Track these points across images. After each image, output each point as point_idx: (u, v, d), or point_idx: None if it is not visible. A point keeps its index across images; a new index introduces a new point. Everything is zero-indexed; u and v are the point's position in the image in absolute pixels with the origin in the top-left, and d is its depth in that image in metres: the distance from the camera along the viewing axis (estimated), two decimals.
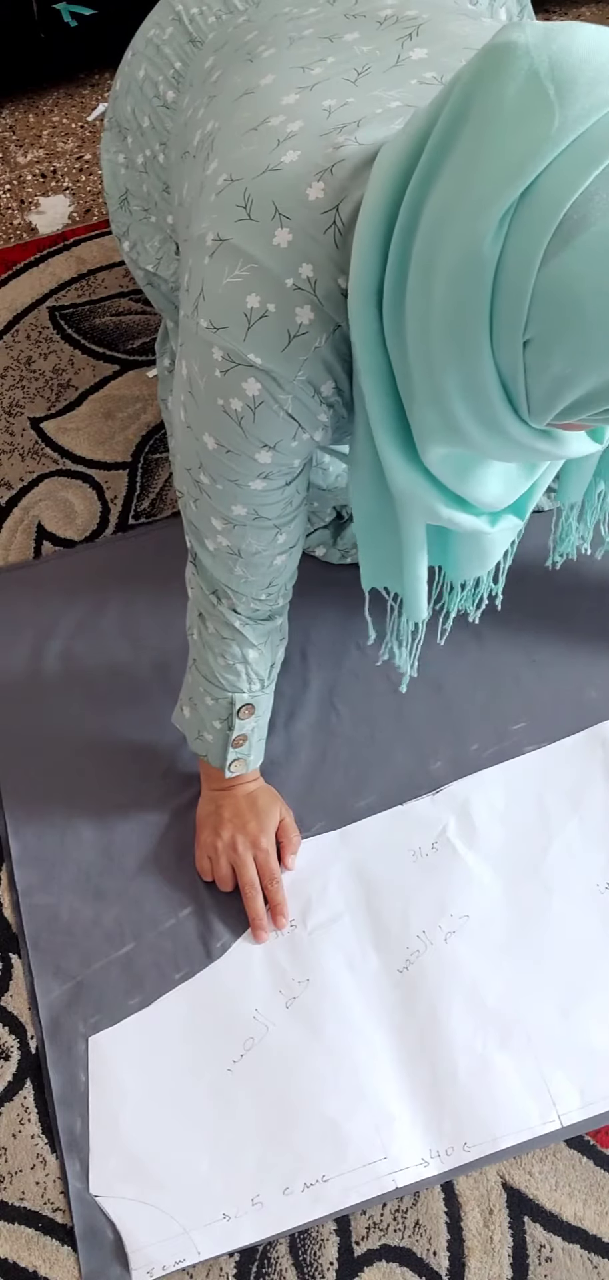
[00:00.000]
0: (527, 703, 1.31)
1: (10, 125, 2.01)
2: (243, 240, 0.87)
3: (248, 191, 0.88)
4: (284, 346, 0.87)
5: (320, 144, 0.87)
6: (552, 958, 1.15)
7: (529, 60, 0.71)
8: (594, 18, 2.13)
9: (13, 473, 1.54)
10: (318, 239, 0.85)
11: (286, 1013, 1.14)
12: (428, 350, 0.80)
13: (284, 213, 0.86)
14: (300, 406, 0.91)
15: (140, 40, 1.22)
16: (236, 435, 0.93)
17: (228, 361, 0.89)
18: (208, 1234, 1.04)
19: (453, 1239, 1.04)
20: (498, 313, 0.74)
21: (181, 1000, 1.15)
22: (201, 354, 0.91)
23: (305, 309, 0.86)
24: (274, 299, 0.87)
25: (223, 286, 0.88)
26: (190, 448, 0.98)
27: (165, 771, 1.29)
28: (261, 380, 0.89)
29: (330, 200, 0.85)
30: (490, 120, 0.72)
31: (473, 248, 0.73)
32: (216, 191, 0.91)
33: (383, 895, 1.19)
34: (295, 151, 0.88)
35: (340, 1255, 1.04)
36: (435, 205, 0.76)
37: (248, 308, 0.87)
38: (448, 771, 1.27)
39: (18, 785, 1.29)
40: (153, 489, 1.52)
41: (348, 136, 0.87)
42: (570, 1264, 1.02)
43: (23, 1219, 1.06)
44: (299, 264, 0.86)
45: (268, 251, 0.86)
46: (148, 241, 1.25)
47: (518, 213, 0.71)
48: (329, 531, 1.41)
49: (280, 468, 0.96)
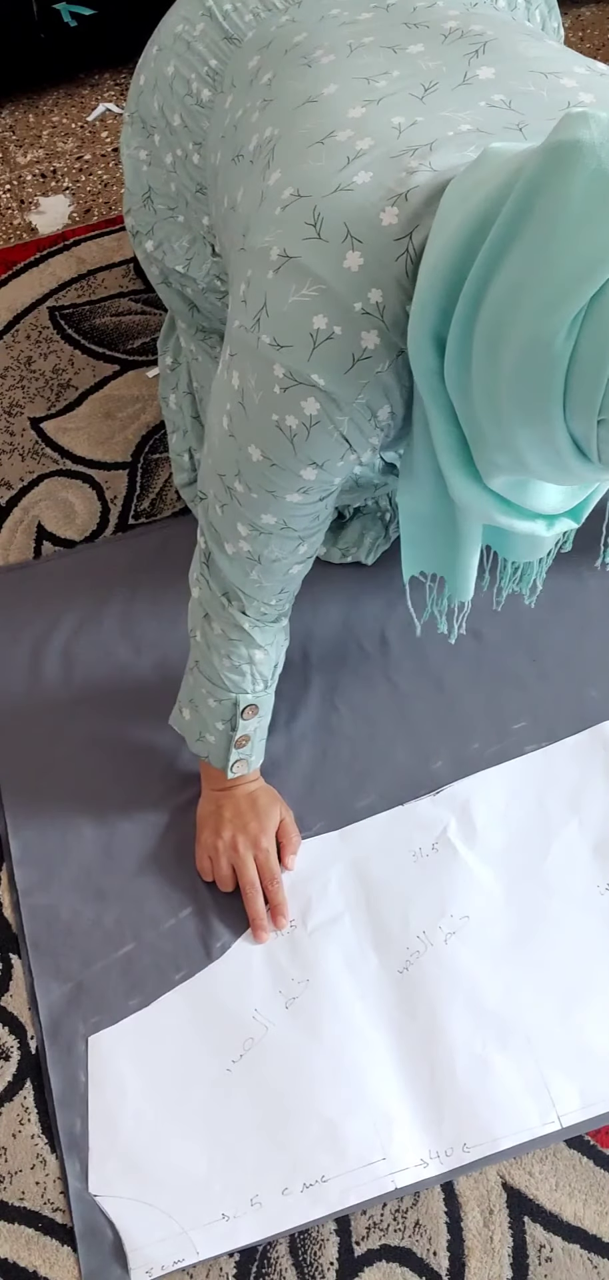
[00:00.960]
0: (527, 702, 1.31)
1: (10, 125, 2.01)
2: (311, 260, 0.87)
3: (318, 210, 0.87)
4: (348, 369, 0.87)
5: (392, 166, 0.87)
6: (552, 959, 1.15)
7: (597, 159, 0.72)
8: (594, 18, 2.13)
9: (13, 473, 1.54)
10: (389, 265, 0.85)
11: (286, 1013, 1.14)
12: (497, 410, 0.80)
13: (356, 236, 0.85)
14: (355, 429, 0.90)
15: (167, 35, 1.19)
16: (286, 451, 0.92)
17: (289, 380, 0.89)
18: (207, 1234, 1.04)
19: (453, 1239, 1.04)
20: (571, 397, 0.75)
21: (181, 1000, 1.15)
22: (261, 369, 0.90)
23: (372, 334, 0.86)
24: (341, 322, 0.86)
25: (288, 305, 0.87)
26: (230, 455, 0.98)
27: (165, 771, 1.29)
28: (321, 401, 0.88)
29: (403, 228, 0.85)
30: (558, 219, 0.73)
31: (544, 343, 0.74)
32: (282, 205, 0.90)
33: (383, 896, 1.19)
34: (367, 172, 0.87)
35: (340, 1255, 1.04)
36: (501, 288, 0.77)
37: (314, 328, 0.86)
38: (448, 771, 1.27)
39: (18, 785, 1.29)
40: (153, 489, 1.52)
41: (421, 161, 0.86)
42: (570, 1264, 1.02)
43: (23, 1219, 1.06)
44: (369, 289, 0.85)
45: (338, 274, 0.86)
46: (176, 241, 1.24)
47: (589, 314, 0.72)
48: (329, 531, 1.41)
49: (322, 485, 0.96)
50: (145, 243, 1.28)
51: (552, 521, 0.95)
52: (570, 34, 2.10)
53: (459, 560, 1.04)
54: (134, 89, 1.25)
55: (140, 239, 1.28)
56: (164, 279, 1.29)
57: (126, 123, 1.26)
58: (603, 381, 0.73)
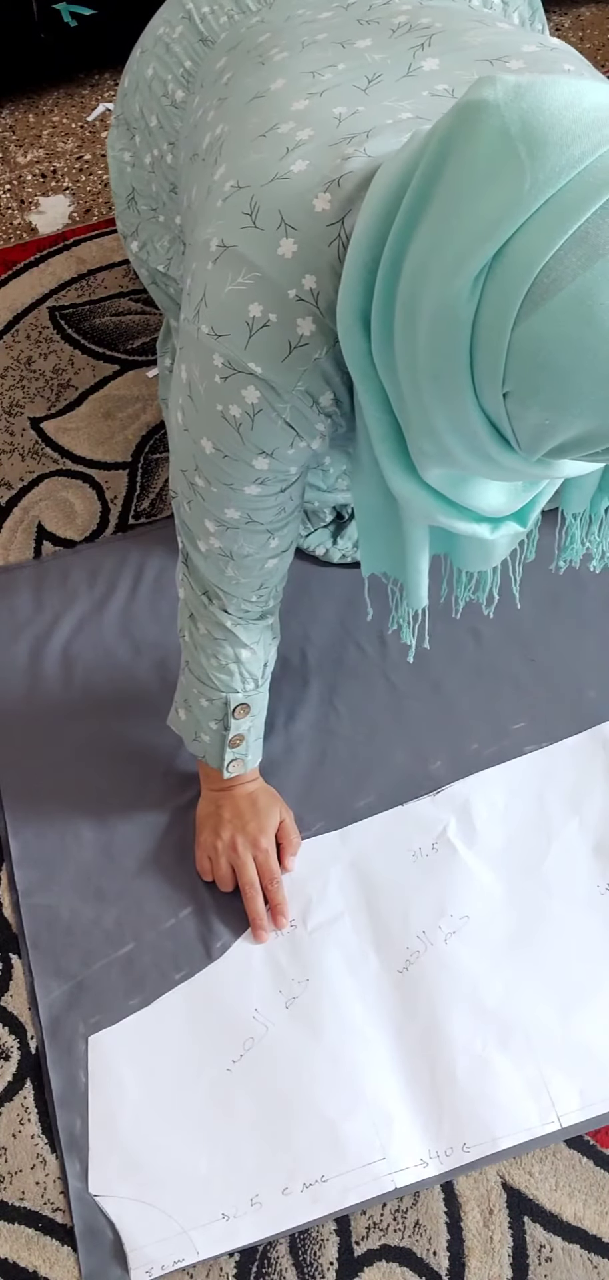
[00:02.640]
0: (526, 703, 1.31)
1: (10, 125, 2.01)
2: (247, 248, 0.87)
3: (254, 199, 0.88)
4: (284, 357, 0.87)
5: (329, 154, 0.87)
6: (551, 959, 1.15)
7: (500, 119, 0.71)
8: (594, 18, 2.13)
9: (13, 473, 1.54)
10: (322, 251, 0.85)
11: (286, 1013, 1.14)
12: (417, 387, 0.80)
13: (290, 223, 0.86)
14: (298, 416, 0.91)
15: (149, 38, 1.21)
16: (234, 441, 0.93)
17: (228, 369, 0.89)
18: (207, 1234, 1.04)
19: (453, 1239, 1.04)
20: (477, 366, 0.75)
21: (181, 1000, 1.15)
22: (202, 359, 0.91)
23: (307, 320, 0.86)
24: (276, 309, 0.86)
25: (225, 294, 0.88)
26: (187, 450, 0.98)
27: (165, 771, 1.29)
28: (261, 389, 0.89)
29: (336, 213, 0.85)
30: (464, 179, 0.73)
31: (449, 305, 0.74)
32: (223, 198, 0.91)
33: (383, 895, 1.19)
34: (304, 161, 0.87)
35: (340, 1255, 1.04)
36: (416, 254, 0.77)
37: (250, 316, 0.87)
38: (448, 771, 1.27)
39: (18, 785, 1.29)
40: (153, 489, 1.52)
41: (357, 148, 0.87)
42: (570, 1264, 1.02)
43: (23, 1219, 1.07)
44: (302, 275, 0.86)
45: (272, 261, 0.86)
46: (157, 241, 1.25)
47: (491, 274, 0.72)
48: (329, 531, 1.41)
49: (277, 474, 0.96)
50: (131, 244, 1.29)
51: (496, 525, 0.95)
52: (570, 34, 2.10)
53: (408, 562, 1.03)
54: (120, 91, 1.27)
55: (127, 240, 1.30)
56: (152, 279, 1.29)
57: (113, 125, 1.28)
58: (504, 346, 0.72)
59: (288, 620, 1.20)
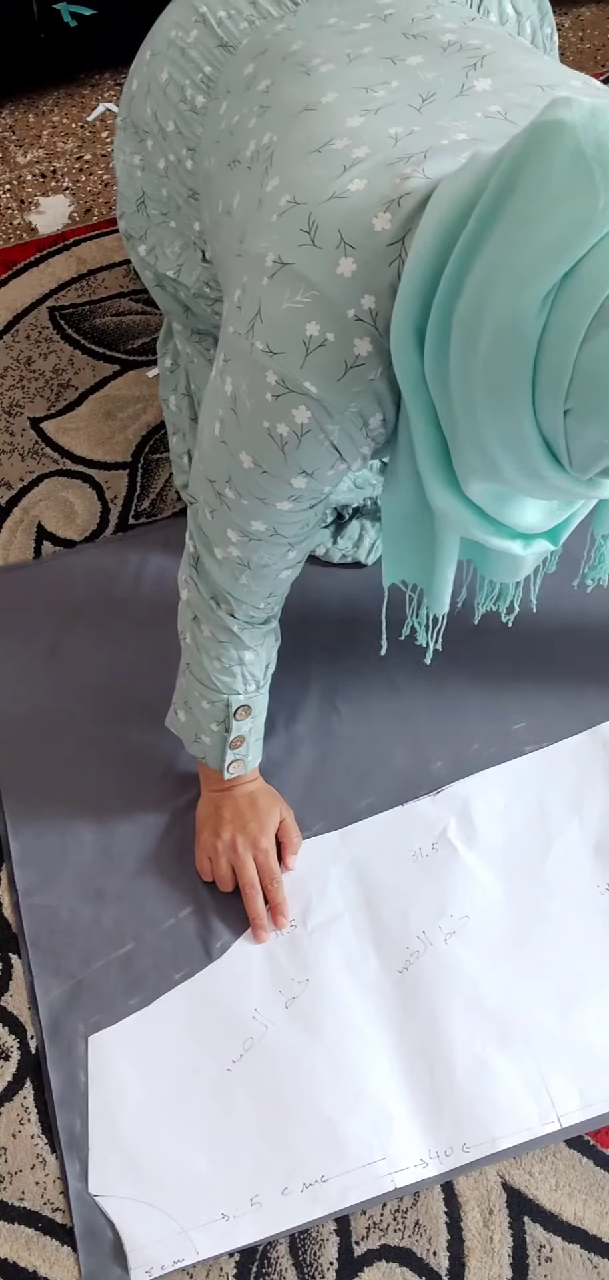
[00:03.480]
0: (527, 702, 1.31)
1: (10, 125, 2.01)
2: (305, 266, 0.86)
3: (313, 217, 0.87)
4: (340, 376, 0.87)
5: (387, 174, 0.87)
6: (552, 959, 1.15)
7: (576, 140, 0.72)
8: (594, 18, 2.13)
9: (13, 473, 1.54)
10: (382, 272, 0.85)
11: (286, 1013, 1.14)
12: (471, 401, 0.80)
13: (350, 242, 0.85)
14: (346, 438, 0.90)
15: (160, 41, 1.19)
16: (277, 459, 0.92)
17: (281, 387, 0.89)
18: (206, 1234, 1.04)
19: (453, 1239, 1.04)
20: (539, 382, 0.75)
21: (181, 1000, 1.15)
22: (253, 375, 0.90)
23: (364, 341, 0.86)
24: (334, 328, 0.86)
25: (282, 311, 0.87)
26: (220, 461, 0.98)
27: (165, 772, 1.29)
28: (313, 409, 0.88)
29: (396, 233, 0.85)
30: (536, 197, 0.73)
31: (516, 321, 0.74)
32: (278, 212, 0.90)
33: (383, 895, 1.19)
34: (362, 180, 0.87)
35: (340, 1255, 1.04)
36: (481, 270, 0.77)
37: (307, 335, 0.86)
38: (448, 772, 1.27)
39: (18, 785, 1.29)
40: (153, 489, 1.52)
41: (415, 168, 0.86)
42: (570, 1264, 1.02)
43: (23, 1219, 1.07)
44: (361, 295, 0.85)
45: (331, 280, 0.85)
46: (168, 246, 1.24)
47: (560, 293, 0.73)
48: (329, 531, 1.41)
49: (312, 492, 0.96)
50: (138, 247, 1.28)
51: (528, 541, 0.95)
52: (570, 34, 2.10)
53: (436, 569, 1.03)
54: (126, 94, 1.25)
55: (134, 243, 1.29)
56: (157, 283, 1.29)
57: (119, 128, 1.26)
58: (570, 364, 0.73)
59: (288, 620, 1.20)
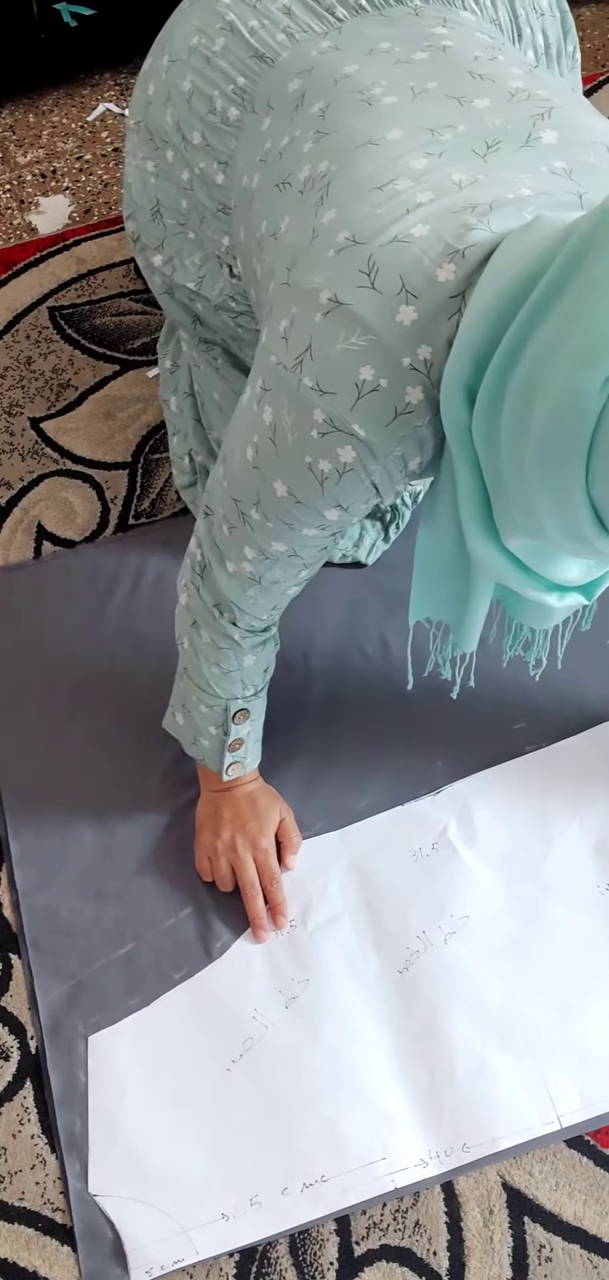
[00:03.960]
0: (527, 703, 1.31)
1: (10, 125, 2.01)
2: (363, 309, 0.86)
3: (373, 259, 0.86)
4: (389, 422, 0.87)
5: (450, 221, 0.86)
6: (551, 959, 1.15)
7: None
8: (594, 18, 2.13)
9: (13, 473, 1.54)
10: (441, 324, 0.84)
11: (286, 1013, 1.14)
12: (521, 465, 0.80)
13: (411, 290, 0.85)
14: (385, 477, 0.90)
15: (180, 47, 1.14)
16: (314, 493, 0.92)
17: (329, 426, 0.88)
18: (206, 1234, 1.04)
19: (453, 1239, 1.04)
20: (595, 458, 0.75)
21: (181, 1000, 1.15)
22: (299, 410, 0.90)
23: (416, 389, 0.86)
24: (388, 375, 0.85)
25: (336, 351, 0.87)
26: (250, 486, 0.97)
27: (165, 772, 1.29)
28: (358, 450, 0.88)
29: (458, 286, 0.84)
30: (602, 277, 0.73)
31: (574, 399, 0.74)
32: (336, 249, 0.89)
33: (383, 896, 1.19)
34: (425, 225, 0.86)
35: (340, 1255, 1.04)
36: (541, 343, 0.77)
37: (360, 379, 0.86)
38: (448, 772, 1.27)
39: (18, 785, 1.29)
40: (153, 489, 1.52)
41: (480, 219, 0.86)
42: (570, 1264, 1.02)
43: (23, 1219, 1.07)
44: (418, 345, 0.85)
45: (389, 326, 0.85)
46: (187, 258, 1.21)
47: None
48: None
49: (341, 523, 0.96)
50: (153, 256, 1.25)
51: (563, 594, 0.95)
52: None
53: (468, 611, 1.03)
54: (140, 98, 1.21)
55: (147, 251, 1.25)
56: (167, 290, 1.26)
57: (132, 130, 1.23)
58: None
59: (289, 620, 1.20)
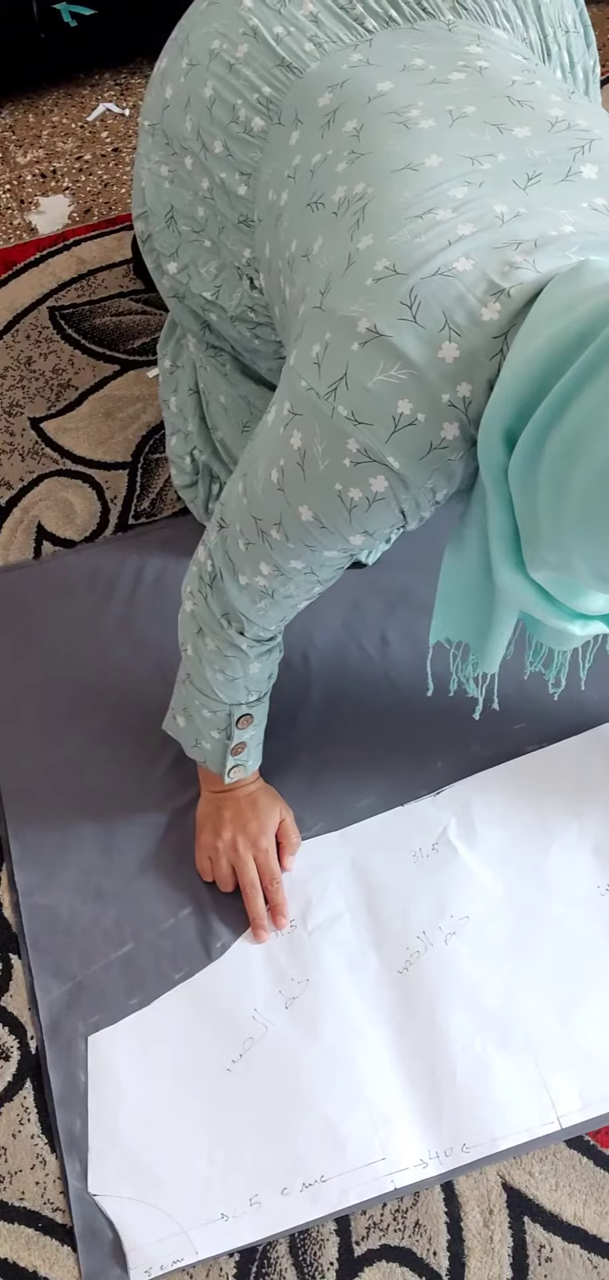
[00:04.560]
0: (526, 703, 1.31)
1: (10, 125, 2.01)
2: (404, 342, 0.85)
3: (415, 292, 0.85)
4: (423, 456, 0.86)
5: (494, 257, 0.85)
6: (551, 959, 1.15)
7: None
8: (594, 18, 2.13)
9: (13, 473, 1.54)
10: (483, 364, 0.84)
11: (286, 1013, 1.14)
12: (559, 517, 0.80)
13: (455, 328, 0.84)
14: (413, 505, 0.90)
15: (200, 50, 1.10)
16: (342, 519, 0.91)
17: (363, 456, 0.87)
18: (206, 1233, 1.04)
19: (453, 1239, 1.04)
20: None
21: (181, 1000, 1.15)
22: (332, 439, 0.89)
23: (453, 426, 0.85)
24: (426, 410, 0.85)
25: (374, 382, 0.86)
26: (274, 507, 0.96)
27: (165, 772, 1.29)
28: (391, 480, 0.88)
29: (502, 326, 0.84)
30: None
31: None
32: (375, 277, 0.88)
33: (383, 896, 1.19)
34: (468, 260, 0.85)
35: (340, 1255, 1.04)
36: (586, 408, 0.77)
37: (398, 412, 0.85)
38: (448, 772, 1.27)
39: (18, 785, 1.29)
40: (153, 489, 1.52)
41: (525, 256, 0.85)
42: (570, 1264, 1.02)
43: (23, 1219, 1.06)
44: (459, 382, 0.84)
45: (431, 362, 0.84)
46: (202, 267, 1.18)
47: None
48: None
49: (364, 547, 0.96)
50: (167, 264, 1.22)
51: (586, 623, 0.95)
52: None
53: (490, 636, 1.03)
54: (157, 99, 1.16)
55: (161, 258, 1.23)
56: (174, 293, 1.24)
57: (146, 132, 1.19)
58: None
59: (290, 621, 1.20)
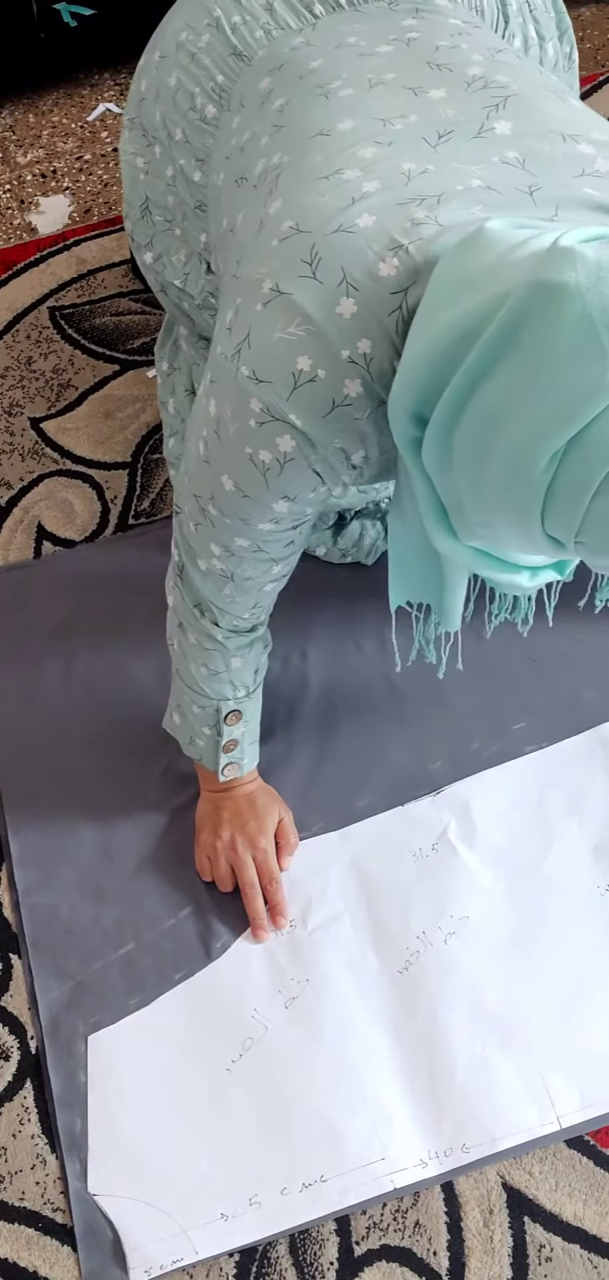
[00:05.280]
0: (526, 703, 1.31)
1: (10, 125, 2.01)
2: (303, 299, 0.85)
3: (316, 248, 0.86)
4: (326, 414, 0.86)
5: (397, 214, 0.85)
6: (551, 959, 1.15)
7: (582, 303, 0.71)
8: (594, 18, 2.13)
9: (13, 473, 1.54)
10: (382, 319, 0.84)
11: (286, 1013, 1.14)
12: (480, 500, 0.80)
13: (352, 282, 0.84)
14: (328, 468, 0.90)
15: (169, 42, 1.15)
16: (258, 484, 0.92)
17: (266, 415, 0.88)
18: (206, 1233, 1.04)
19: (453, 1239, 1.04)
20: (548, 515, 0.76)
21: (181, 1000, 1.15)
22: (237, 400, 0.89)
23: (355, 382, 0.85)
24: (326, 366, 0.85)
25: (274, 340, 0.86)
26: (204, 480, 0.97)
27: (165, 771, 1.29)
28: (297, 440, 0.88)
29: (401, 281, 0.83)
30: (543, 357, 0.73)
31: (524, 470, 0.74)
32: (280, 238, 0.88)
33: (383, 896, 1.19)
34: (370, 216, 0.85)
35: (340, 1255, 1.04)
36: (485, 406, 0.76)
37: (297, 369, 0.85)
38: (447, 771, 1.27)
39: (18, 785, 1.29)
40: (153, 489, 1.52)
41: (428, 212, 0.85)
42: (570, 1264, 1.02)
43: (23, 1219, 1.07)
44: (358, 338, 0.84)
45: (329, 318, 0.84)
46: (174, 255, 1.22)
47: (567, 454, 0.73)
48: (329, 532, 1.41)
49: (293, 515, 0.96)
50: (144, 254, 1.26)
51: (535, 573, 0.95)
52: None
53: (445, 592, 1.03)
54: (135, 93, 1.22)
55: (140, 249, 1.27)
56: (161, 288, 1.28)
57: (126, 127, 1.23)
58: (580, 514, 0.74)
59: (288, 620, 1.20)
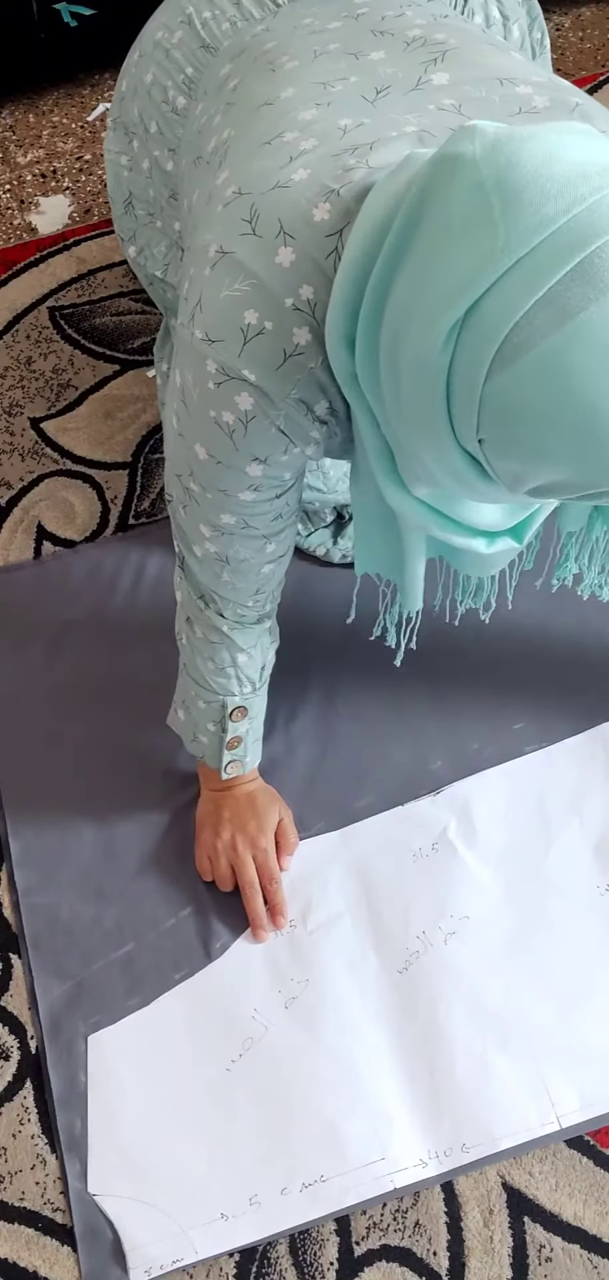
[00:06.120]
0: (526, 703, 1.31)
1: (10, 125, 2.01)
2: (245, 255, 0.87)
3: (255, 206, 0.88)
4: (279, 365, 0.87)
5: (331, 164, 0.87)
6: (551, 960, 1.15)
7: (477, 173, 0.72)
8: (594, 18, 2.13)
9: (13, 473, 1.54)
10: (320, 262, 0.85)
11: (286, 1013, 1.14)
12: (402, 421, 0.81)
13: (289, 232, 0.86)
14: (292, 423, 0.91)
15: (148, 42, 1.20)
16: (228, 448, 0.93)
17: (222, 374, 0.89)
18: (206, 1233, 1.04)
19: (453, 1239, 1.04)
20: (454, 413, 0.76)
21: (181, 1000, 1.15)
22: (195, 365, 0.91)
23: (303, 330, 0.86)
24: (272, 317, 0.86)
25: (221, 299, 0.88)
26: (181, 455, 0.98)
27: (165, 771, 1.29)
28: (254, 396, 0.89)
29: (334, 224, 0.85)
30: (441, 231, 0.74)
31: (426, 356, 0.75)
32: (224, 203, 0.91)
33: (383, 896, 1.19)
34: (306, 170, 0.87)
35: (340, 1255, 1.04)
36: (396, 300, 0.78)
37: (245, 323, 0.87)
38: (448, 771, 1.27)
39: (18, 785, 1.29)
40: (153, 489, 1.52)
41: (360, 159, 0.86)
42: (570, 1264, 1.02)
43: (23, 1219, 1.07)
44: (300, 285, 0.85)
45: (270, 269, 0.86)
46: (155, 247, 1.25)
47: (464, 329, 0.73)
48: (329, 531, 1.41)
49: (270, 480, 0.96)
50: (129, 249, 1.28)
51: (492, 539, 0.95)
52: (570, 34, 2.10)
53: (406, 565, 1.04)
54: (117, 95, 1.25)
55: (125, 244, 1.29)
56: (149, 282, 1.30)
57: (110, 128, 1.26)
58: (476, 399, 0.74)
59: (289, 619, 1.20)
